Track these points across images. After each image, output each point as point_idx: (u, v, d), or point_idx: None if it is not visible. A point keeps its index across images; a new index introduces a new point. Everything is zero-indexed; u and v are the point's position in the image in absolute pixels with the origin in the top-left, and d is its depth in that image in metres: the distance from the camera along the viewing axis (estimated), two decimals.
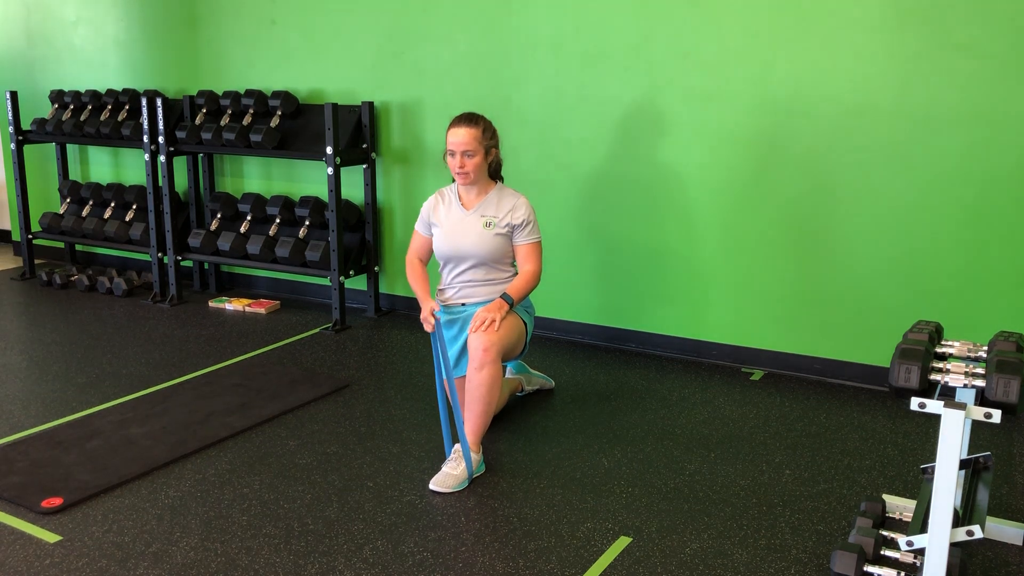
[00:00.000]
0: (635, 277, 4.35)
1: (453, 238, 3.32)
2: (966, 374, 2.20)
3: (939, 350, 2.37)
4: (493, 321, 3.12)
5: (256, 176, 5.48)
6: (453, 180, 3.43)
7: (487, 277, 3.35)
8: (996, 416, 2.11)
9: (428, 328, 3.14)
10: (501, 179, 3.47)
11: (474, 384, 3.07)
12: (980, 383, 2.16)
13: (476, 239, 3.29)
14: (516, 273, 3.40)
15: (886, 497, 2.79)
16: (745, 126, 3.96)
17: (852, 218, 3.82)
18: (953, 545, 2.20)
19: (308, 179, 5.25)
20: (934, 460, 2.19)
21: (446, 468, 3.00)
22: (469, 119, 3.27)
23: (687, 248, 4.19)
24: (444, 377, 3.13)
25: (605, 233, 4.38)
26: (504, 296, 3.24)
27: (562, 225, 4.45)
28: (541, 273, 3.38)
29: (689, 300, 4.25)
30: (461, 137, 3.23)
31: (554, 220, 4.43)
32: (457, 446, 3.05)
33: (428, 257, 3.48)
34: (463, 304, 3.37)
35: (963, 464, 2.55)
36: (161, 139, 5.19)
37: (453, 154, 3.25)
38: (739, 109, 3.95)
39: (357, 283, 5.16)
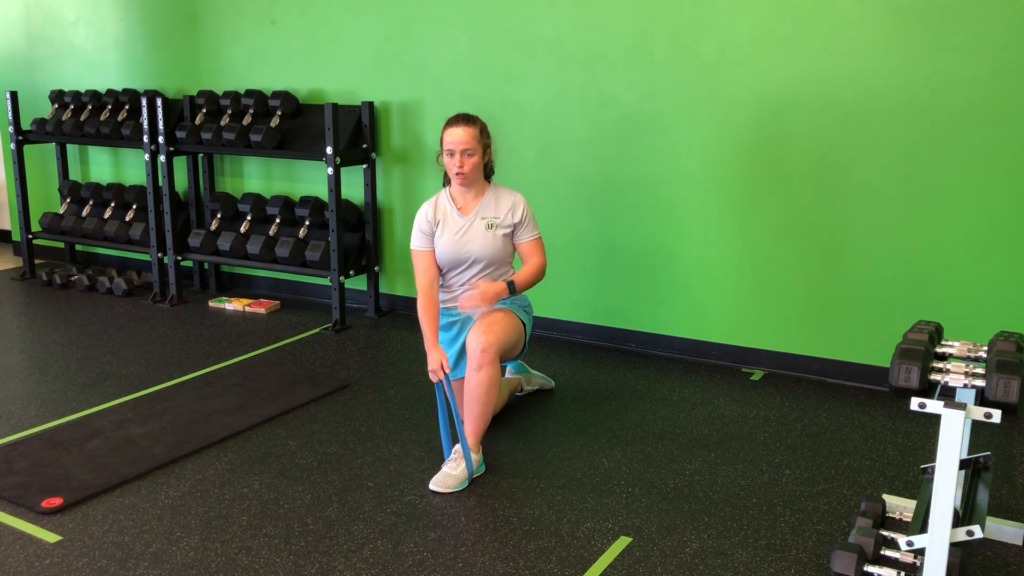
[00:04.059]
0: (635, 277, 4.35)
1: (458, 246, 3.26)
2: (966, 374, 2.20)
3: (939, 350, 2.37)
4: (487, 300, 3.16)
5: (256, 176, 5.48)
6: (444, 185, 3.42)
7: (489, 278, 3.34)
8: (996, 416, 2.11)
9: (434, 379, 3.04)
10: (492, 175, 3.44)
11: (473, 385, 3.07)
12: (980, 383, 2.16)
13: (481, 243, 3.27)
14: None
15: (886, 497, 2.79)
16: (745, 126, 3.96)
17: (852, 218, 3.82)
18: (953, 545, 2.20)
19: (308, 179, 5.25)
20: (934, 460, 2.19)
21: (446, 468, 3.00)
22: (466, 119, 3.23)
23: (687, 248, 4.19)
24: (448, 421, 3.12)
25: (605, 233, 4.38)
26: (508, 283, 3.23)
27: (562, 225, 4.45)
28: (547, 266, 3.38)
29: (689, 300, 4.25)
30: (460, 136, 3.18)
31: (554, 220, 4.43)
32: (457, 446, 3.05)
33: (439, 277, 3.34)
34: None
35: (963, 464, 2.55)
36: (161, 139, 5.19)
37: (452, 154, 3.20)
38: (738, 109, 3.95)
39: (357, 283, 5.16)
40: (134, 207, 5.69)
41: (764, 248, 4.03)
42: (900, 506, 2.70)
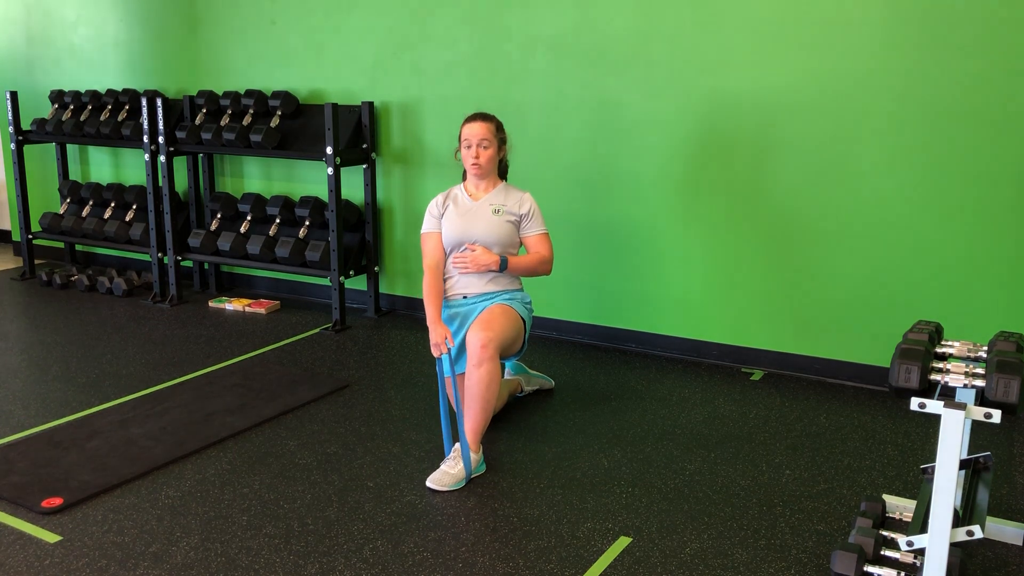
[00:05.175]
0: (636, 277, 4.35)
1: (463, 225, 3.36)
2: (966, 374, 2.20)
3: (939, 350, 2.37)
4: (477, 265, 3.28)
5: (256, 176, 5.48)
6: (459, 181, 3.53)
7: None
8: (996, 416, 2.11)
9: (436, 353, 3.11)
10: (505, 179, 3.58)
11: (473, 381, 3.08)
12: (980, 383, 2.16)
13: (486, 224, 3.36)
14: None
15: (886, 497, 2.79)
16: (745, 126, 3.96)
17: (853, 218, 3.82)
18: (953, 545, 2.20)
19: (308, 179, 5.25)
20: (934, 460, 2.19)
21: (444, 466, 3.01)
22: (484, 116, 3.42)
23: (687, 248, 4.19)
24: (447, 394, 3.14)
25: (606, 233, 4.38)
26: (502, 258, 3.32)
27: (562, 225, 4.44)
28: (552, 262, 3.46)
29: (689, 300, 4.24)
30: (477, 129, 3.36)
31: (554, 220, 4.42)
32: (457, 445, 3.06)
33: (444, 260, 3.40)
34: (464, 296, 3.38)
35: (963, 464, 2.55)
36: (161, 139, 5.19)
37: (469, 145, 3.35)
38: (740, 109, 3.95)
39: (357, 283, 5.16)
40: (134, 207, 5.69)
41: (764, 248, 4.03)
42: (900, 506, 2.70)
